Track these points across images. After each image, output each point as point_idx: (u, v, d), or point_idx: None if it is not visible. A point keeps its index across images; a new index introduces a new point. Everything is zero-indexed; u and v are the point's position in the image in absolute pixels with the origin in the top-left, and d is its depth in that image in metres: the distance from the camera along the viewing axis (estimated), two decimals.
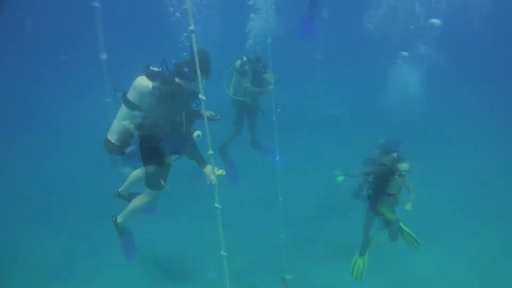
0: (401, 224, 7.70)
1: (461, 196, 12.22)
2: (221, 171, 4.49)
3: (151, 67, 4.64)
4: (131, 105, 4.67)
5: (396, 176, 7.06)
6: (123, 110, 4.78)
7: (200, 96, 4.16)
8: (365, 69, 19.01)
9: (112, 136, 4.83)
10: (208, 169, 4.46)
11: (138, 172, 5.45)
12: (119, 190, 5.78)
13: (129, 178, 5.63)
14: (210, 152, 4.33)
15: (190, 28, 3.64)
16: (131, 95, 4.70)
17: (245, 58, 8.14)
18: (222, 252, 4.43)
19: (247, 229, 10.98)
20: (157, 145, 4.57)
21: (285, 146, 12.66)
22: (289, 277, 7.93)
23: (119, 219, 5.40)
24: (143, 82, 4.60)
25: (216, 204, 4.37)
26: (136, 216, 5.61)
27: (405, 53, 11.24)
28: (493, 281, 9.20)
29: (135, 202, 5.33)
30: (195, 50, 3.53)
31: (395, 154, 7.01)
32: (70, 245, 10.64)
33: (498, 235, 10.59)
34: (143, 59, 4.89)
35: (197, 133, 4.41)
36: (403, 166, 6.99)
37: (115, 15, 18.17)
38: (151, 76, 4.60)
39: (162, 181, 5.03)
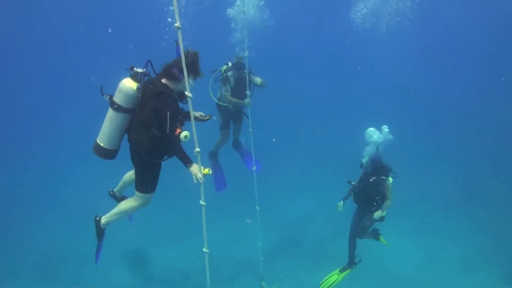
0: (381, 238, 7.47)
1: (445, 201, 12.46)
2: (207, 170, 4.48)
3: (135, 68, 4.62)
4: (117, 108, 4.64)
5: (371, 180, 6.98)
6: (110, 113, 4.75)
7: (186, 93, 4.18)
8: None
9: (102, 140, 4.79)
10: (194, 168, 4.44)
11: (131, 173, 5.38)
12: (114, 190, 5.71)
13: (123, 178, 5.56)
14: (197, 149, 4.34)
15: (176, 24, 3.67)
16: (117, 98, 4.66)
17: (230, 64, 7.88)
18: (204, 249, 4.45)
19: (234, 234, 10.98)
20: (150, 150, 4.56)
21: (272, 151, 12.93)
22: (264, 285, 7.98)
23: (103, 220, 5.25)
24: (127, 83, 4.53)
25: (201, 202, 4.40)
26: (120, 219, 5.54)
27: None
28: (475, 284, 9.36)
29: (124, 205, 5.16)
30: (181, 46, 3.55)
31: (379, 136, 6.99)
32: (56, 249, 10.55)
33: (479, 240, 10.79)
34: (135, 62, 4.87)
35: (184, 133, 4.38)
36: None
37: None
38: (135, 77, 4.59)
39: (154, 183, 4.98)
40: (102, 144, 4.74)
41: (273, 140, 13.17)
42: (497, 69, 17.69)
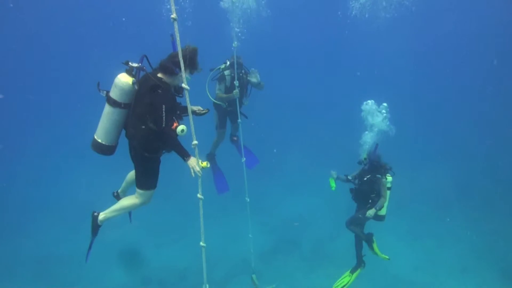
0: (374, 246, 7.35)
1: (442, 202, 12.45)
2: (205, 163, 4.46)
3: (130, 63, 4.61)
4: (113, 103, 4.63)
5: (365, 178, 7.05)
6: (107, 108, 4.74)
7: (183, 85, 4.18)
8: None
9: (99, 136, 4.79)
10: (192, 161, 4.43)
11: (134, 173, 5.36)
12: (118, 191, 5.68)
13: (126, 178, 5.52)
14: (195, 142, 4.32)
15: (172, 16, 3.66)
16: (113, 93, 4.65)
17: (228, 63, 7.83)
18: (201, 243, 4.42)
19: (233, 234, 10.96)
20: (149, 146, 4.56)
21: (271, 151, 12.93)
22: (255, 279, 7.98)
23: (101, 216, 5.19)
24: (123, 78, 4.52)
25: (199, 195, 4.38)
26: (117, 216, 5.50)
27: None
28: (473, 284, 9.35)
29: (125, 202, 5.08)
30: (178, 38, 3.54)
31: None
32: (51, 250, 10.51)
33: (477, 240, 10.78)
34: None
35: (181, 127, 4.37)
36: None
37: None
38: (131, 72, 4.58)
39: (154, 179, 4.96)
40: (100, 140, 4.75)
41: (274, 150, 13.34)
42: (498, 69, 17.72)
